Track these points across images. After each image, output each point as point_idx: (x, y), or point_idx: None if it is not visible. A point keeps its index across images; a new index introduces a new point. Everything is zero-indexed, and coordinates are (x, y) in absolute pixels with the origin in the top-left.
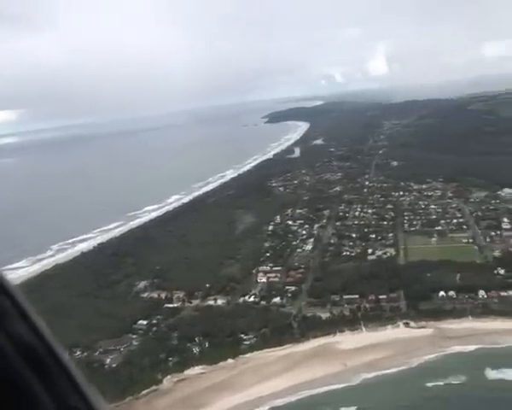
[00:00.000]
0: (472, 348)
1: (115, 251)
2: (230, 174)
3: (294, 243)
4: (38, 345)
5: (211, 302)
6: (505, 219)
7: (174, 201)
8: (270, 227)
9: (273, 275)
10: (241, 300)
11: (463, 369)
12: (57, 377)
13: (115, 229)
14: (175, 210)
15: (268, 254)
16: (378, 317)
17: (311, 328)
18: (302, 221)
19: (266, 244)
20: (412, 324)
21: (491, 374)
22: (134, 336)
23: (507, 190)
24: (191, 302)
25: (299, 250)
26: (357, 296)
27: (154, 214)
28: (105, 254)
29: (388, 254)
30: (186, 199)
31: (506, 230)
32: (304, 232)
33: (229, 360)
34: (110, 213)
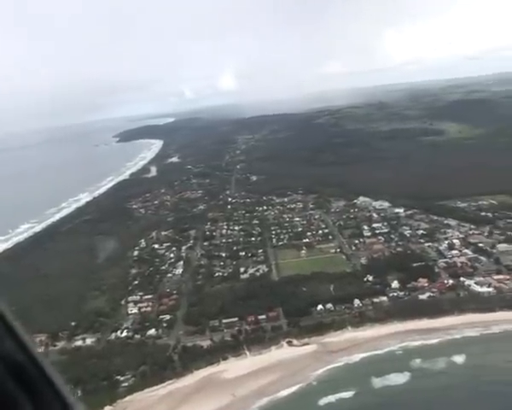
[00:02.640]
0: (356, 358)
1: None
2: (85, 198)
3: (163, 267)
4: (26, 362)
5: (79, 343)
6: (365, 227)
7: (24, 230)
8: (136, 252)
9: (145, 304)
10: (113, 336)
11: (351, 381)
12: (45, 393)
13: None
14: (26, 241)
15: (136, 282)
16: (260, 339)
17: (192, 359)
18: (169, 244)
19: (133, 271)
20: (295, 341)
21: (377, 382)
22: None
23: (362, 199)
24: (56, 345)
25: (169, 275)
26: (236, 319)
27: (0, 247)
28: None
29: (261, 271)
30: (38, 228)
31: (368, 237)
32: (172, 255)
33: (107, 408)
34: None
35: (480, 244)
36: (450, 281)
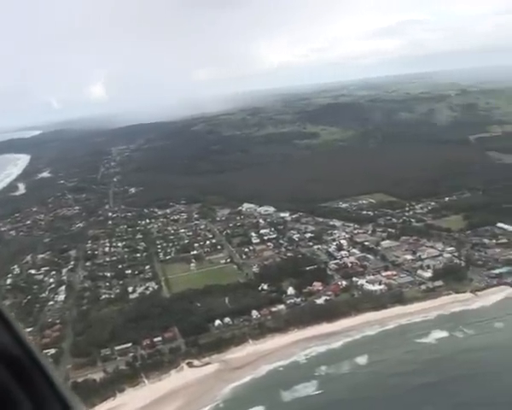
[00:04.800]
0: (261, 371)
1: None
2: None
3: (43, 295)
4: (22, 355)
5: None
6: (253, 234)
7: None
8: (9, 281)
9: None
10: None
11: (260, 397)
12: (40, 386)
13: None
14: None
15: (12, 315)
16: (158, 363)
17: (85, 396)
18: (47, 268)
19: (7, 303)
20: (196, 362)
21: (286, 395)
22: None
23: (247, 205)
24: None
25: (50, 303)
26: (129, 345)
27: None
28: None
29: (150, 288)
30: None
31: (257, 244)
32: (52, 280)
33: None
34: None
35: (366, 243)
36: (344, 282)
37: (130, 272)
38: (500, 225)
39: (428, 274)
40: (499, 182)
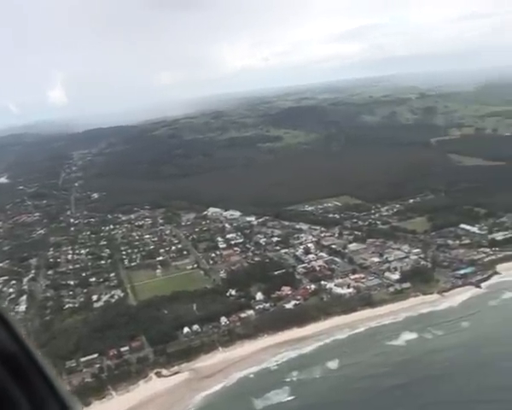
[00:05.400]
0: (232, 379)
1: None
2: None
3: (3, 305)
4: (18, 352)
5: None
6: (220, 239)
7: None
8: None
9: None
10: None
11: (231, 406)
12: (36, 383)
13: None
14: None
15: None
16: (126, 374)
17: None
18: (7, 277)
19: None
20: (165, 371)
21: (258, 403)
22: None
23: (212, 210)
24: None
25: (11, 314)
26: (95, 356)
27: None
28: None
29: (116, 296)
30: None
31: (223, 249)
32: (12, 290)
33: None
34: None
35: (333, 246)
36: (312, 286)
37: (94, 279)
38: (462, 226)
39: (396, 276)
40: (460, 184)
